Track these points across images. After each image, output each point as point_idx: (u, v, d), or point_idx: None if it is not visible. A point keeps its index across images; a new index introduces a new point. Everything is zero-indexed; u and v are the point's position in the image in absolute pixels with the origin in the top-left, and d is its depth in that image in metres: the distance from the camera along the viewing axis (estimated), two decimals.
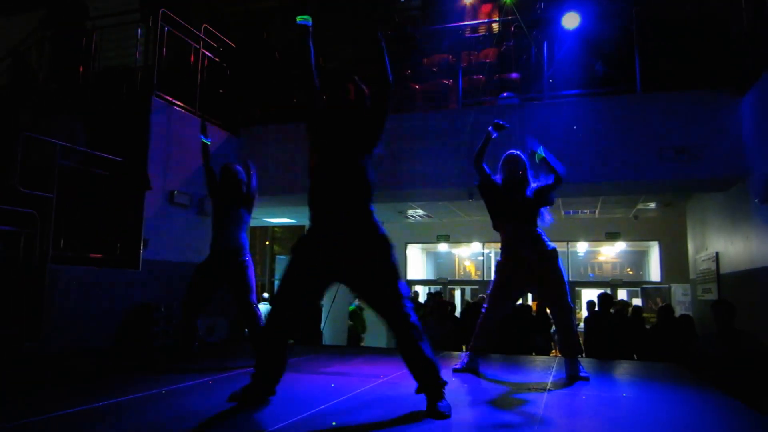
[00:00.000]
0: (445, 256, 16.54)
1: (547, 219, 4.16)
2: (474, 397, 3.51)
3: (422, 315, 9.51)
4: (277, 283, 14.16)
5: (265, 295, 11.24)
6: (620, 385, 4.18)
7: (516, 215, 4.10)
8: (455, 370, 4.26)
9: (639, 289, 13.88)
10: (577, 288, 14.75)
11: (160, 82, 6.65)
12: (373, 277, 2.95)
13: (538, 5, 8.17)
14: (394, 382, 3.88)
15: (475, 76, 8.06)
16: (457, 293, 16.12)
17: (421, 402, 2.96)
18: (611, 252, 15.30)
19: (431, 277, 16.00)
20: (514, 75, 7.74)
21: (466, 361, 4.29)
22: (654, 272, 13.85)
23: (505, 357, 5.59)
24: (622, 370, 4.88)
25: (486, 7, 10.50)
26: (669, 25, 6.99)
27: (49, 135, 5.75)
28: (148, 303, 6.12)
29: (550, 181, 4.12)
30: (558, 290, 4.04)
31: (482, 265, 15.21)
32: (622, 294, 14.72)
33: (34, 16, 7.75)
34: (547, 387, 3.82)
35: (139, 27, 6.94)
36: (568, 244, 14.61)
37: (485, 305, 4.24)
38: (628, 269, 15.73)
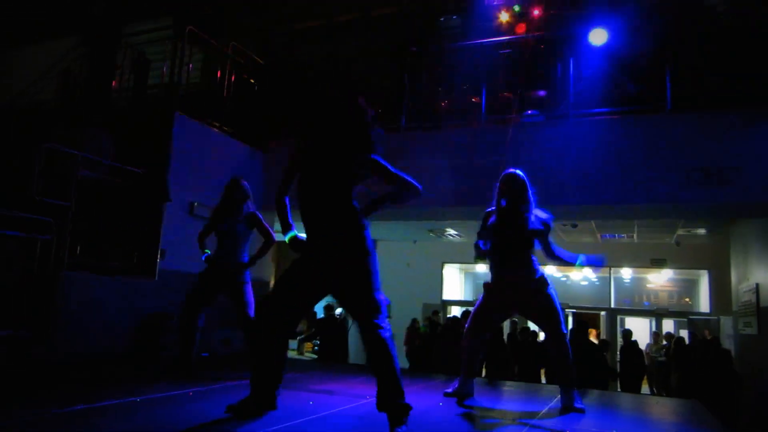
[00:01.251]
0: (484, 277, 16.18)
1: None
2: (448, 423, 3.35)
3: (438, 333, 9.34)
4: None
5: None
6: (616, 421, 3.91)
7: (510, 241, 3.91)
8: (446, 394, 4.11)
9: (686, 319, 13.17)
10: (619, 316, 14.16)
11: (185, 98, 6.83)
12: (350, 287, 2.99)
13: (564, 22, 7.96)
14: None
15: (504, 94, 7.91)
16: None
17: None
18: (659, 279, 14.61)
19: (469, 297, 15.69)
20: (541, 93, 7.54)
21: (456, 386, 4.12)
22: (704, 302, 13.14)
23: (515, 384, 5.37)
24: (628, 404, 4.59)
25: (521, 27, 10.34)
26: (702, 42, 6.66)
27: (80, 147, 5.98)
28: (162, 312, 6.22)
29: (548, 242, 3.89)
30: (550, 318, 3.83)
31: None
32: (668, 325, 14.03)
33: (72, 40, 8.12)
34: (537, 416, 3.61)
35: (167, 44, 7.16)
36: (610, 269, 14.10)
37: (467, 326, 4.07)
38: (682, 298, 14.96)
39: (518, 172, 3.99)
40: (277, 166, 7.98)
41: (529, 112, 7.10)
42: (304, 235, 3.11)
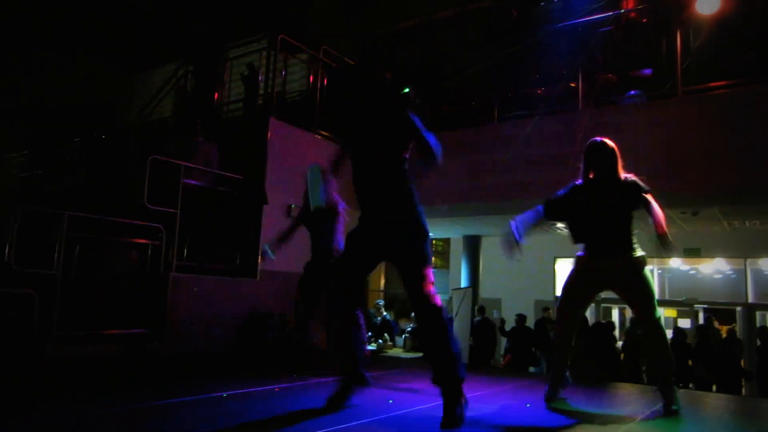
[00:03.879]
0: None
1: None
2: (533, 424, 3.17)
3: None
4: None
5: (380, 301, 11.36)
6: (721, 427, 3.48)
7: (602, 219, 3.58)
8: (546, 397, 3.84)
9: None
10: (758, 312, 12.75)
11: (284, 105, 7.10)
12: (403, 257, 3.03)
13: None
14: None
15: (604, 75, 7.41)
16: (615, 312, 14.85)
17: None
18: None
19: None
20: (647, 71, 6.96)
21: (547, 388, 3.86)
22: None
23: (617, 384, 4.98)
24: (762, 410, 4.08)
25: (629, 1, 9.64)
26: None
27: (188, 157, 6.44)
28: (263, 311, 6.50)
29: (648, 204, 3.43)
30: (643, 300, 3.48)
31: None
32: None
33: (181, 61, 8.74)
34: (634, 421, 3.31)
35: (261, 53, 7.48)
36: (746, 260, 12.74)
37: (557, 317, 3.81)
38: None
39: (606, 140, 3.68)
40: None
41: (631, 92, 6.57)
42: None
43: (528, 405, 3.74)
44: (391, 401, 3.64)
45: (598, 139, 3.68)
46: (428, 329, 2.93)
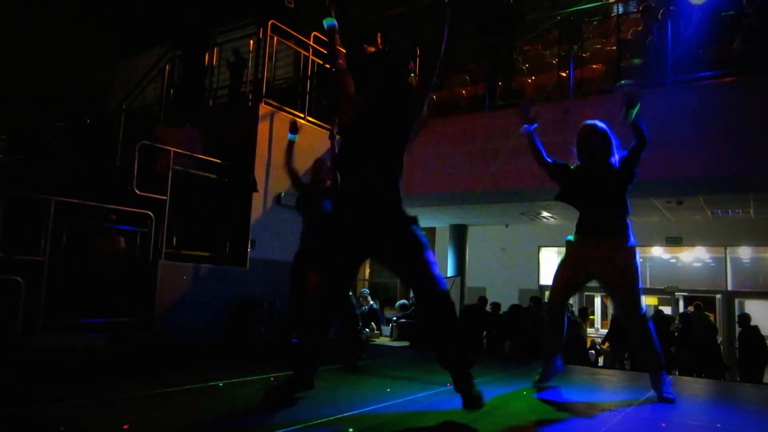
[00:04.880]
0: None
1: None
2: (529, 412, 3.18)
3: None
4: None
5: (366, 290, 11.33)
6: (723, 413, 3.55)
7: (594, 199, 3.59)
8: (535, 382, 3.88)
9: None
10: (737, 299, 13.01)
11: (273, 91, 7.01)
12: (402, 250, 2.93)
13: None
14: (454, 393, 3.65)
15: (593, 66, 7.44)
16: (597, 300, 15.05)
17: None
18: None
19: None
20: (636, 61, 7.00)
21: (541, 371, 3.88)
22: None
23: (610, 372, 5.05)
24: (742, 395, 4.16)
25: None
26: None
27: (176, 143, 6.32)
28: (253, 299, 6.45)
29: (633, 144, 3.47)
30: (629, 295, 3.50)
31: None
32: None
33: (168, 46, 8.57)
34: (630, 406, 3.35)
35: (251, 39, 7.36)
36: (726, 249, 12.98)
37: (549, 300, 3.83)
38: None
39: (597, 123, 3.68)
40: None
41: (622, 82, 6.59)
42: None
43: (525, 393, 3.76)
44: (389, 389, 3.64)
45: (590, 122, 3.68)
46: (440, 315, 2.87)
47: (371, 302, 10.96)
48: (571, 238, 3.72)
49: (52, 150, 6.36)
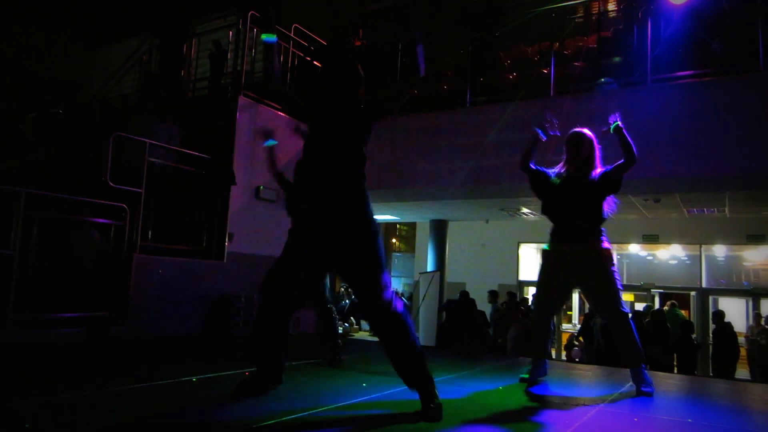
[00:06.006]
0: None
1: (606, 210, 3.64)
2: (504, 407, 3.19)
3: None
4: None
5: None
6: (696, 407, 3.58)
7: (573, 210, 3.65)
8: (521, 379, 3.89)
9: None
10: (711, 296, 13.23)
11: (249, 81, 6.91)
12: (353, 263, 2.81)
13: None
14: None
15: (574, 63, 7.47)
16: (575, 296, 15.20)
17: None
18: (757, 257, 13.48)
19: None
20: (617, 59, 7.04)
21: (529, 369, 3.91)
22: None
23: (591, 367, 5.08)
24: (714, 390, 4.21)
25: None
26: None
27: (153, 135, 6.21)
28: (230, 293, 6.38)
29: (621, 162, 3.57)
30: (609, 295, 3.55)
31: None
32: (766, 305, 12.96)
33: (146, 36, 8.41)
34: (606, 401, 3.38)
35: (231, 30, 7.26)
36: (701, 247, 13.18)
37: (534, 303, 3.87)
38: None
39: (585, 131, 3.73)
40: None
41: (603, 80, 6.64)
42: None
43: (500, 388, 3.77)
44: (365, 384, 3.61)
45: (579, 130, 3.73)
46: (392, 338, 2.78)
47: (353, 296, 10.95)
48: (546, 247, 3.76)
49: (24, 140, 6.21)
